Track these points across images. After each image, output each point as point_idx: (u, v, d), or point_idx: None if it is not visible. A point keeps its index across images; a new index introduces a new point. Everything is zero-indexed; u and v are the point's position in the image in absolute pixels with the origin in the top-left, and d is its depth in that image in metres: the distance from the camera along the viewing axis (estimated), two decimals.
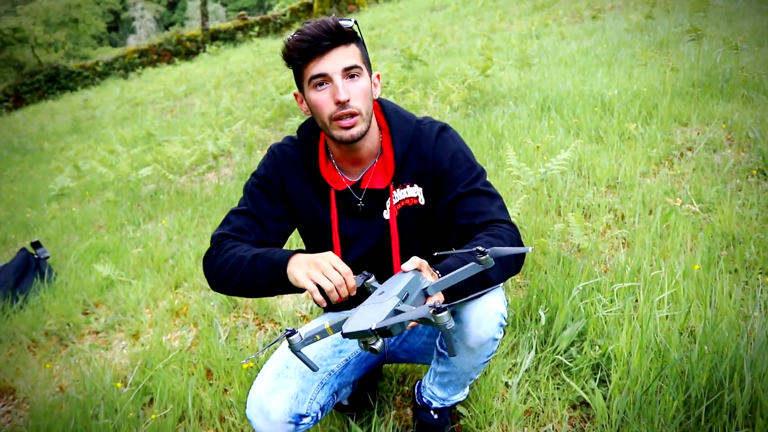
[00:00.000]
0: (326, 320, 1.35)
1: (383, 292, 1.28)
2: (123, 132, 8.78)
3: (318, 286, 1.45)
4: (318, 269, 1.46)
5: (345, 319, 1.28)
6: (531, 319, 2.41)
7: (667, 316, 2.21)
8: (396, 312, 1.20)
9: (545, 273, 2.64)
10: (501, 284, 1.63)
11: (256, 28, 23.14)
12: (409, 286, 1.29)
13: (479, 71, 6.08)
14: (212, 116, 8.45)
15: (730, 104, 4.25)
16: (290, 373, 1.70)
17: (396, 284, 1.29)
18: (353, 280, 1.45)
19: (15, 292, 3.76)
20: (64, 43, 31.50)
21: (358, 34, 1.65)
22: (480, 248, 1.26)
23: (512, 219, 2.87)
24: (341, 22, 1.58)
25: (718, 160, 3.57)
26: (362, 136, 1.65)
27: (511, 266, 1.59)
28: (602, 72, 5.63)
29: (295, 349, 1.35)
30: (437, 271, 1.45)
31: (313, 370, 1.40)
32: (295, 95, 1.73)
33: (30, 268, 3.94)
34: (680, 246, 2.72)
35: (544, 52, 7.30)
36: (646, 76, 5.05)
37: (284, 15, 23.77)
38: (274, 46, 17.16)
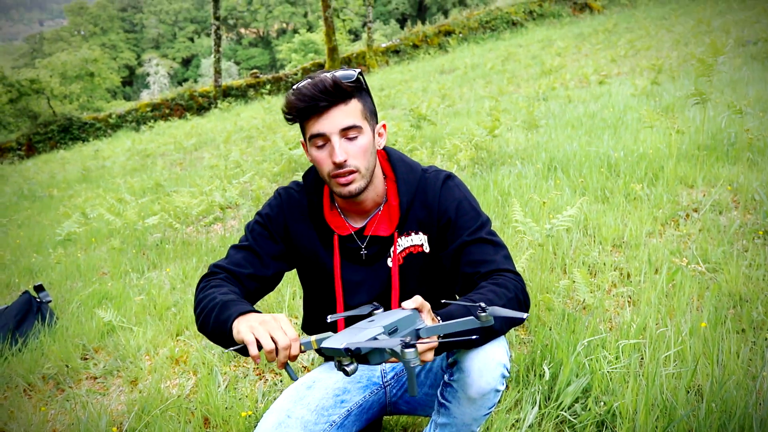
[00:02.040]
0: (314, 336, 1.36)
1: (374, 320, 1.30)
2: (132, 182, 8.89)
3: (258, 342, 1.38)
4: (264, 327, 1.40)
5: (328, 336, 1.30)
6: (535, 375, 2.37)
7: (673, 374, 2.17)
8: (374, 340, 1.21)
9: (550, 329, 2.62)
10: (503, 335, 1.62)
11: (268, 86, 23.64)
12: (402, 322, 1.29)
13: (487, 131, 6.17)
14: (221, 169, 8.55)
15: (736, 167, 4.28)
16: (292, 422, 1.67)
17: (389, 317, 1.31)
18: (297, 349, 1.39)
19: (15, 334, 3.73)
20: (79, 96, 32.33)
21: (363, 84, 1.66)
22: (483, 305, 1.27)
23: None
24: (341, 78, 1.58)
25: (724, 221, 3.57)
26: (361, 191, 1.67)
27: (512, 319, 1.58)
28: (608, 134, 5.71)
29: None
30: (438, 317, 1.44)
31: (293, 379, 1.41)
32: (302, 143, 1.75)
33: (31, 311, 3.92)
34: (686, 305, 2.70)
35: (551, 114, 7.42)
36: (652, 138, 5.12)
37: (296, 74, 24.32)
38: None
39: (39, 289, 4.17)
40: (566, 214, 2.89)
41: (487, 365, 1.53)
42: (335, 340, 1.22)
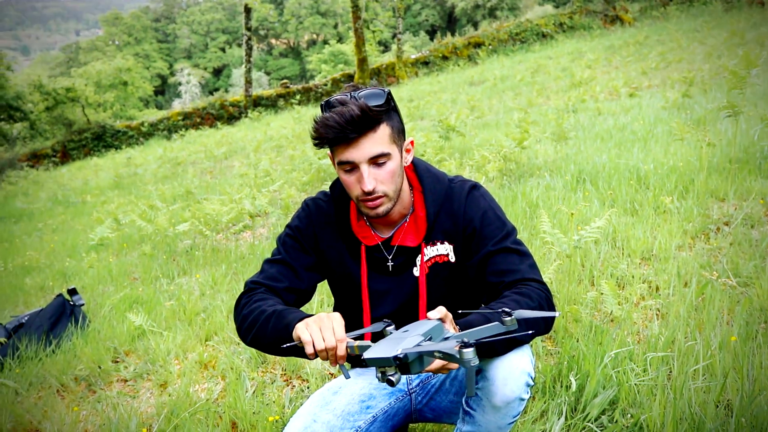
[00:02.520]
0: (357, 342, 1.38)
1: (407, 330, 1.30)
2: (163, 189, 9.04)
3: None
4: (317, 325, 1.45)
5: (369, 345, 1.32)
6: (561, 386, 2.36)
7: (702, 387, 2.15)
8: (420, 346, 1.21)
9: (577, 340, 2.60)
10: (528, 343, 1.62)
11: (298, 96, 23.88)
12: (433, 332, 1.30)
13: (515, 143, 6.16)
14: (251, 177, 8.66)
15: None
16: (318, 427, 1.70)
17: (421, 327, 1.31)
18: (344, 350, 1.42)
19: (49, 336, 3.83)
20: (113, 104, 33.00)
21: (391, 104, 1.65)
22: (506, 309, 1.27)
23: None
24: (368, 104, 1.57)
25: (756, 235, 3.52)
26: (388, 212, 1.70)
27: (539, 326, 1.59)
28: (638, 147, 5.66)
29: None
30: (457, 327, 1.46)
31: (346, 378, 1.44)
32: (329, 155, 1.76)
33: (65, 313, 4.02)
34: (716, 318, 2.67)
35: (581, 126, 7.38)
36: (683, 151, 5.07)
37: (325, 85, 24.52)
38: (314, 113, 17.60)
39: (72, 292, 4.27)
40: (594, 226, 2.89)
41: (512, 373, 1.53)
42: (379, 350, 1.22)
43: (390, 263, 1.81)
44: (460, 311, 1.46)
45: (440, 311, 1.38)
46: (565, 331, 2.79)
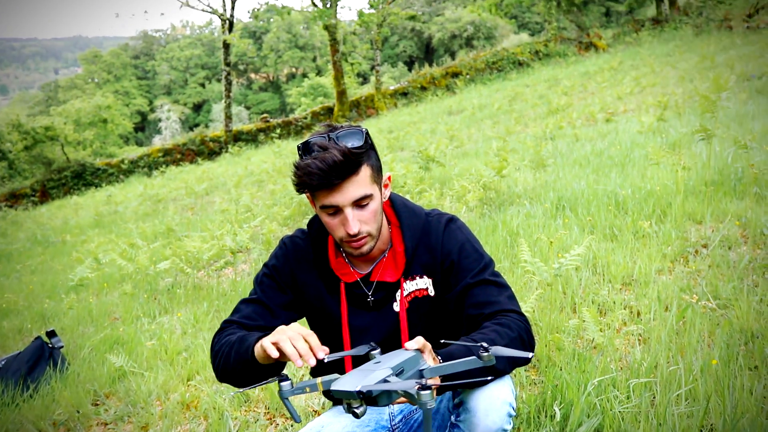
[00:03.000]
0: (320, 378, 1.37)
1: (380, 362, 1.30)
2: (144, 227, 8.97)
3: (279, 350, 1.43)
4: (284, 334, 1.44)
5: (335, 378, 1.32)
6: (546, 416, 2.35)
7: (685, 413, 2.15)
8: (384, 382, 1.22)
9: (560, 369, 2.60)
10: (509, 373, 1.62)
11: (278, 130, 23.96)
12: (407, 363, 1.30)
13: (495, 171, 6.21)
14: (232, 213, 8.63)
15: (743, 202, 4.28)
16: None
17: (394, 358, 1.31)
18: (322, 353, 1.42)
19: (27, 380, 3.75)
20: (93, 142, 32.86)
21: (369, 141, 1.65)
22: (484, 344, 1.27)
23: (526, 314, 2.87)
24: (348, 145, 1.57)
25: (733, 257, 3.56)
26: (371, 250, 1.72)
27: (518, 360, 1.59)
28: (616, 172, 5.74)
29: (282, 396, 1.35)
30: (438, 357, 1.46)
31: (296, 420, 1.40)
32: (308, 197, 1.74)
33: (43, 357, 3.95)
34: (697, 342, 2.68)
35: (559, 153, 7.47)
36: (659, 175, 5.14)
37: (305, 118, 24.66)
38: (294, 147, 17.69)
39: (51, 334, 4.20)
40: (574, 253, 2.90)
41: (493, 404, 1.53)
42: (345, 383, 1.22)
43: (370, 299, 1.81)
44: (442, 341, 1.46)
45: (418, 342, 1.38)
46: (548, 360, 2.78)
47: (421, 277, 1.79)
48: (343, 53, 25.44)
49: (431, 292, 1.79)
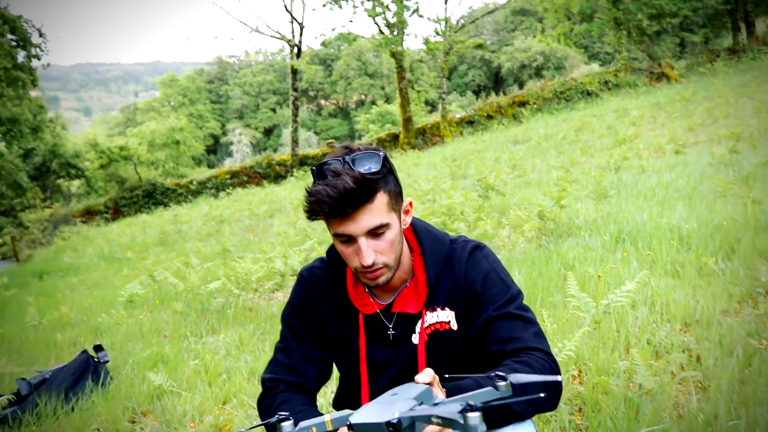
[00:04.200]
0: (329, 416, 1.21)
1: (396, 393, 1.16)
2: (200, 246, 9.12)
3: None
4: None
5: (349, 414, 1.17)
6: None
7: None
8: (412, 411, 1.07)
9: (607, 415, 2.40)
10: (530, 418, 1.46)
11: None
12: (423, 396, 1.15)
13: (553, 201, 6.00)
14: (288, 236, 8.67)
15: None
16: None
17: (410, 390, 1.17)
18: None
19: (69, 393, 3.78)
20: (165, 162, 34.10)
21: (387, 166, 1.54)
22: (500, 373, 1.13)
23: (567, 353, 2.69)
24: (363, 170, 1.47)
25: None
26: (388, 281, 1.59)
27: (540, 399, 1.43)
28: (682, 205, 5.43)
29: None
30: (446, 391, 1.33)
31: None
32: (326, 223, 1.65)
33: (88, 370, 3.98)
34: (764, 393, 2.43)
35: (623, 185, 7.17)
36: (728, 209, 4.83)
37: (370, 144, 24.78)
38: None
39: (98, 348, 4.24)
40: (625, 289, 2.70)
41: None
42: (366, 415, 1.09)
43: (391, 332, 1.69)
44: (447, 375, 1.31)
45: (428, 374, 1.25)
46: (594, 404, 2.58)
47: (443, 309, 1.66)
48: (410, 81, 25.57)
49: (453, 326, 1.65)
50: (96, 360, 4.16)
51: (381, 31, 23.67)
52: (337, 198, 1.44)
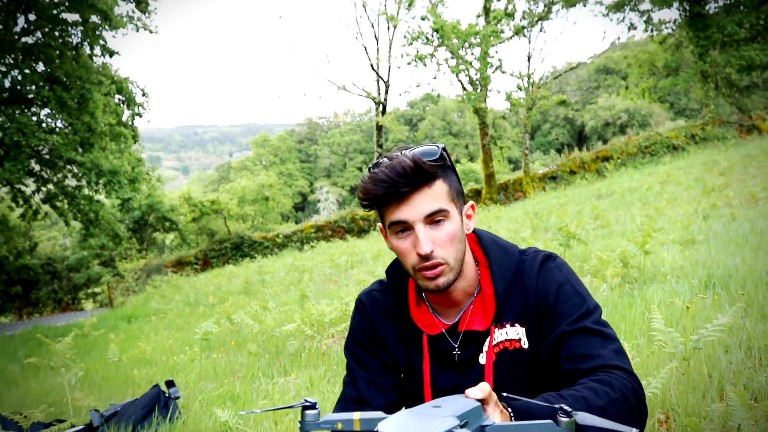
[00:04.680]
0: (359, 414, 1.10)
1: (440, 406, 1.04)
2: (279, 292, 9.24)
3: None
4: None
5: (381, 418, 1.05)
6: None
7: None
8: None
9: None
10: None
11: None
12: (471, 414, 1.04)
13: (638, 247, 5.73)
14: (367, 283, 8.67)
15: None
16: None
17: (456, 404, 1.05)
18: None
19: (137, 426, 3.84)
20: (254, 218, 35.32)
21: (447, 161, 1.49)
22: (565, 407, 1.01)
23: (653, 391, 2.49)
24: (422, 157, 1.42)
25: None
26: (449, 285, 1.48)
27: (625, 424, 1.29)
28: None
29: (305, 429, 1.08)
30: (510, 411, 1.20)
31: None
32: (380, 229, 1.59)
33: (159, 404, 4.04)
34: None
35: (712, 233, 6.79)
36: None
37: None
38: None
39: (170, 384, 4.31)
40: (717, 323, 2.51)
41: None
42: (397, 425, 0.97)
43: (456, 352, 1.57)
44: (504, 394, 1.18)
45: (483, 390, 1.12)
46: None
47: (512, 325, 1.54)
48: (493, 137, 25.60)
49: (524, 344, 1.52)
50: (167, 395, 4.22)
51: (464, 88, 23.95)
52: (394, 177, 1.39)
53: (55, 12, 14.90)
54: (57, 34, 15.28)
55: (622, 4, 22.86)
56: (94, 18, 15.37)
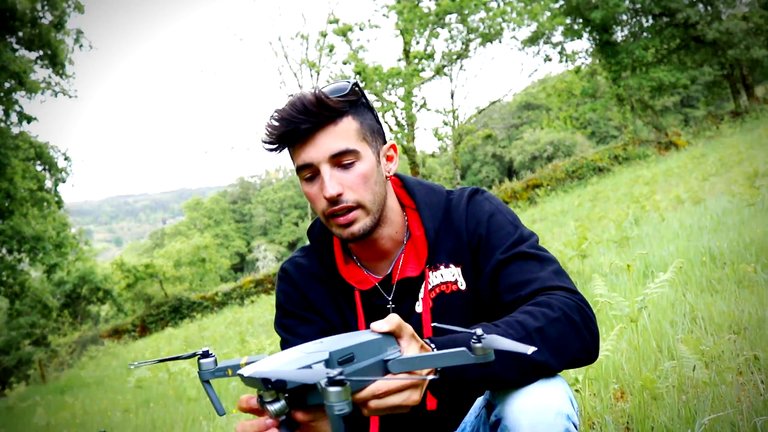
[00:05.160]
0: (246, 358, 1.07)
1: (323, 342, 0.98)
2: (220, 340, 8.92)
3: None
4: None
5: (262, 358, 1.00)
6: None
7: None
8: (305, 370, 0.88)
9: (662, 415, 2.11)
10: (557, 372, 1.17)
11: None
12: (362, 348, 0.96)
13: (574, 250, 5.76)
14: None
15: None
16: None
17: (346, 339, 0.98)
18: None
19: None
20: (192, 280, 34.46)
21: (360, 98, 1.36)
22: (479, 331, 0.93)
23: (605, 353, 2.42)
24: (329, 93, 1.30)
25: None
26: (367, 232, 1.35)
27: (569, 345, 1.16)
28: (708, 235, 5.18)
29: (203, 378, 1.08)
30: (432, 346, 1.10)
31: (219, 413, 1.12)
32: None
33: None
34: None
35: (645, 234, 6.92)
36: (758, 221, 4.59)
37: None
38: None
39: None
40: (660, 281, 2.47)
41: (541, 416, 1.08)
42: (261, 366, 0.90)
43: (390, 306, 1.44)
44: (433, 324, 1.06)
45: (390, 322, 1.02)
46: (644, 418, 2.26)
47: (447, 266, 1.42)
48: (424, 176, 25.92)
49: (461, 285, 1.41)
50: None
51: (391, 129, 24.28)
52: (294, 114, 1.27)
53: None
54: None
55: (536, 37, 23.82)
56: (8, 84, 14.90)
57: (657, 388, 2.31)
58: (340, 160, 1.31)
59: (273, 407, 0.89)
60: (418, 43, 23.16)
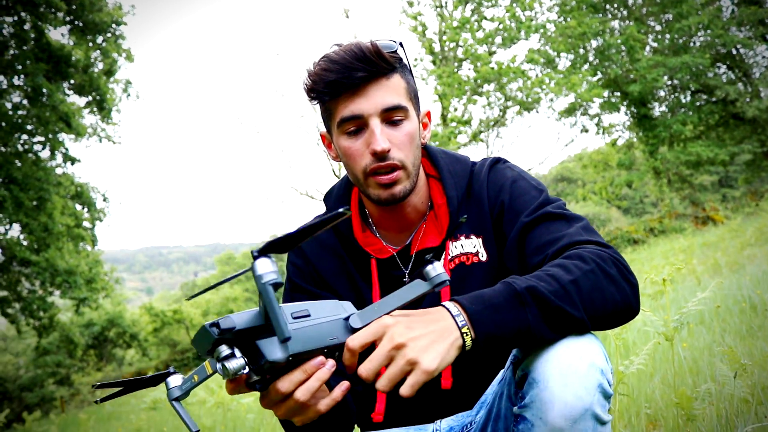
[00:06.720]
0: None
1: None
2: None
3: None
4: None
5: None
6: None
7: None
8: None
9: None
10: (590, 331, 1.09)
11: None
12: (318, 307, 1.04)
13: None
14: None
15: None
16: None
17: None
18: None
19: None
20: None
21: (404, 60, 1.35)
22: (428, 255, 0.98)
23: (639, 367, 2.36)
24: (382, 46, 1.26)
25: None
26: (406, 195, 1.32)
27: (607, 297, 1.08)
28: (748, 290, 5.06)
29: (171, 396, 1.02)
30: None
31: (192, 430, 0.98)
32: (322, 136, 1.43)
33: None
34: None
35: (681, 296, 6.76)
36: None
37: None
38: None
39: None
40: (695, 300, 2.42)
41: (574, 367, 0.98)
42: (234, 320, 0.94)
43: (406, 278, 1.40)
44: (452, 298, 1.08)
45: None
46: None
47: (467, 237, 1.38)
48: None
49: (482, 256, 1.36)
50: None
51: None
52: (350, 61, 1.23)
53: (12, 116, 14.90)
54: (17, 137, 15.26)
55: (573, 108, 24.00)
56: (56, 127, 15.42)
57: (694, 408, 2.24)
58: (391, 115, 1.28)
59: (230, 364, 0.90)
60: (455, 109, 23.47)
